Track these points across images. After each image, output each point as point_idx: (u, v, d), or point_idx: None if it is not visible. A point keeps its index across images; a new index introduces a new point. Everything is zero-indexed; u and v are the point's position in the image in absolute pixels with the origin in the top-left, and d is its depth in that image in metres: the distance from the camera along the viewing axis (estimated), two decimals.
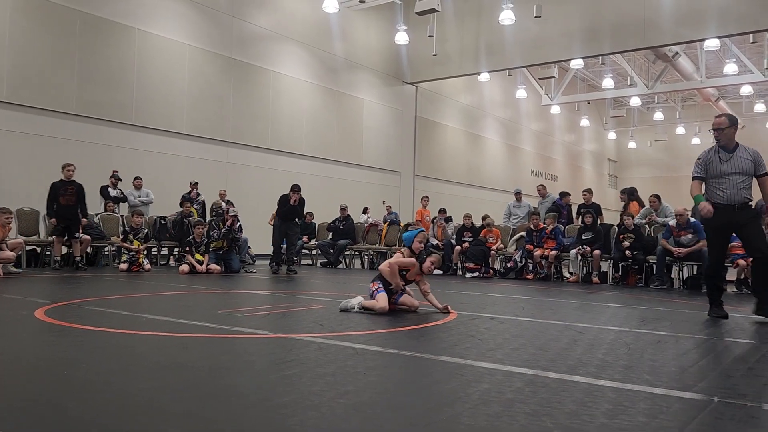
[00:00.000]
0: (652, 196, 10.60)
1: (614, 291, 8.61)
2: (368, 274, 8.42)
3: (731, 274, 8.88)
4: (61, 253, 9.81)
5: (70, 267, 9.70)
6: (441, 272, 11.13)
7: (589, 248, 10.06)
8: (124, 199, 11.88)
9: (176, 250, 11.83)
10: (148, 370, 2.88)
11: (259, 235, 12.47)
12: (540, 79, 24.09)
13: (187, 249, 10.10)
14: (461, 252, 11.42)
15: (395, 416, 2.22)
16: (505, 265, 11.26)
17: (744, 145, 5.40)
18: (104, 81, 12.43)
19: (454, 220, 12.94)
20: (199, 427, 2.05)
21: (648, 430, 2.10)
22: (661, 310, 6.05)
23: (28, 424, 2.04)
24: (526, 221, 11.84)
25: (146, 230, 10.53)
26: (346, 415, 2.20)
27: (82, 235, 10.03)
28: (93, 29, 12.26)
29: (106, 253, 11.34)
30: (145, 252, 10.23)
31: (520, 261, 10.77)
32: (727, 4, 14.16)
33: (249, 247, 12.13)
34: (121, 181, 11.85)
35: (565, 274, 10.85)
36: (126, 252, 9.93)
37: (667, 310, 6.14)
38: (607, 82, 24.09)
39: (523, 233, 11.15)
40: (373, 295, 5.31)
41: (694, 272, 9.54)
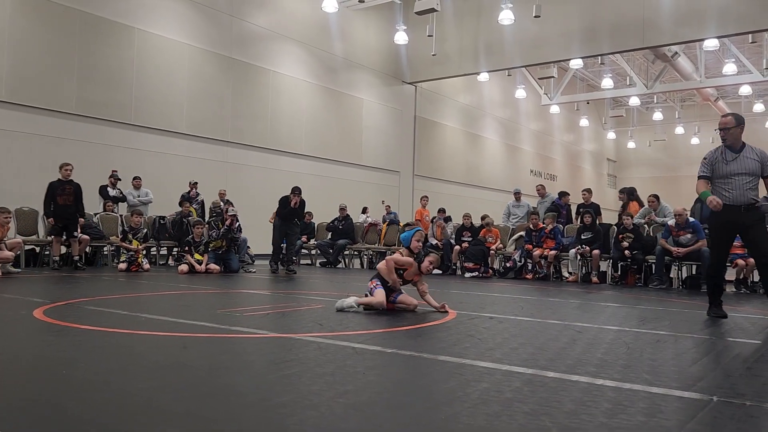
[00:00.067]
0: (650, 196, 10.62)
1: (613, 291, 8.61)
2: (367, 274, 8.42)
3: (730, 274, 8.88)
4: (60, 252, 9.81)
5: (68, 267, 9.69)
6: (440, 272, 11.13)
7: (588, 248, 10.06)
8: (123, 199, 11.88)
9: (175, 249, 11.82)
10: (147, 370, 2.88)
11: (258, 235, 12.47)
12: (539, 79, 24.10)
13: (186, 249, 10.09)
14: (460, 252, 11.42)
15: (394, 416, 2.22)
16: (505, 264, 11.27)
17: (751, 146, 5.27)
18: (104, 80, 12.43)
19: (454, 219, 12.94)
20: (198, 427, 2.05)
21: (647, 430, 2.10)
22: (660, 310, 6.05)
23: (28, 424, 2.04)
24: (526, 221, 11.85)
25: (145, 230, 10.53)
26: (345, 415, 2.20)
27: (81, 234, 10.03)
28: (92, 29, 12.25)
29: (105, 253, 11.33)
30: (144, 252, 10.23)
31: (520, 261, 10.78)
32: (727, 4, 14.17)
33: (248, 247, 12.13)
34: (120, 181, 11.85)
35: (564, 274, 10.86)
36: (125, 252, 9.93)
37: (666, 309, 6.14)
38: (607, 82, 24.10)
39: (523, 233, 11.16)
40: (372, 292, 5.31)
41: (693, 272, 9.55)
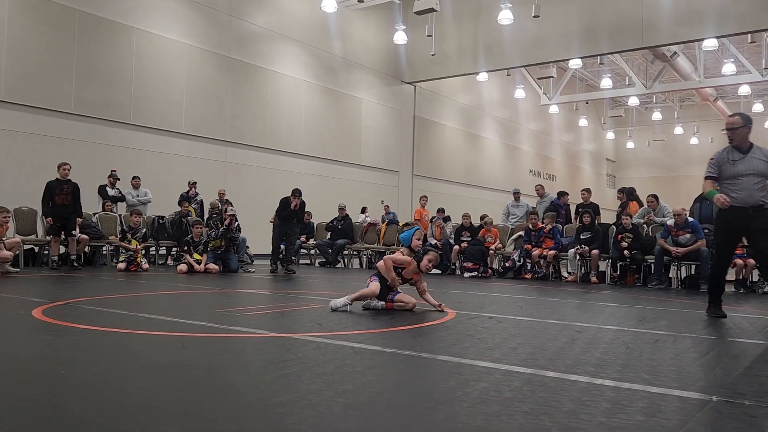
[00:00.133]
0: (649, 195, 10.62)
1: (612, 290, 8.62)
2: (366, 274, 8.41)
3: (729, 274, 8.87)
4: (59, 252, 9.80)
5: (67, 266, 9.69)
6: (439, 272, 11.13)
7: (588, 248, 10.07)
8: (122, 199, 11.87)
9: (174, 249, 11.82)
10: (146, 369, 2.88)
11: (257, 235, 12.46)
12: (538, 79, 24.10)
13: (186, 248, 10.09)
14: (460, 251, 11.42)
15: (393, 415, 2.22)
16: (504, 264, 11.27)
17: (759, 146, 5.16)
18: (102, 80, 12.41)
19: (453, 219, 12.94)
20: (197, 426, 2.05)
21: (646, 429, 2.10)
22: (659, 310, 6.06)
23: (28, 424, 2.03)
24: (525, 221, 11.85)
25: (144, 230, 10.52)
26: (344, 414, 2.19)
27: (80, 234, 10.02)
28: (91, 28, 12.24)
29: (104, 253, 11.33)
30: (143, 251, 10.22)
31: (519, 260, 10.78)
32: (726, 4, 14.18)
33: (247, 247, 12.13)
34: (119, 181, 11.84)
35: (563, 274, 10.86)
36: (124, 251, 9.93)
37: (665, 309, 6.14)
38: (606, 82, 24.12)
39: (522, 233, 11.16)
40: (368, 286, 5.32)
41: (692, 272, 9.56)
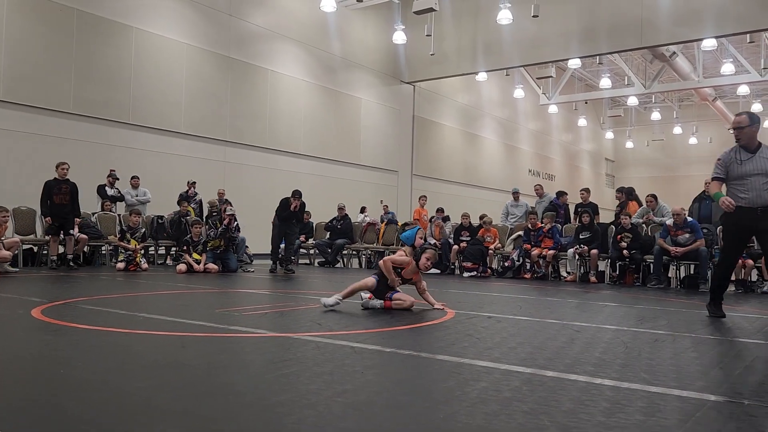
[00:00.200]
0: (648, 195, 10.63)
1: (611, 290, 8.62)
2: (365, 274, 8.40)
3: None
4: (58, 252, 9.79)
5: (67, 266, 9.68)
6: (438, 271, 11.14)
7: (587, 247, 10.08)
8: (121, 198, 11.86)
9: (174, 249, 11.81)
10: (146, 369, 2.87)
11: (257, 235, 12.46)
12: (537, 79, 24.10)
13: (185, 248, 10.09)
14: (459, 251, 11.43)
15: (393, 415, 2.22)
16: (503, 264, 11.27)
17: (767, 145, 5.10)
18: (101, 80, 12.40)
19: (452, 219, 12.95)
20: (196, 426, 2.05)
21: (645, 429, 2.10)
22: (659, 309, 6.06)
23: (27, 424, 2.03)
24: (524, 220, 11.86)
25: (144, 229, 10.52)
26: (344, 414, 2.19)
27: (79, 234, 10.01)
28: (90, 28, 12.23)
29: (103, 253, 11.32)
30: (143, 251, 10.22)
31: (518, 260, 10.78)
32: (725, 4, 14.18)
33: (246, 247, 12.13)
34: (118, 180, 11.83)
35: (562, 274, 10.87)
36: (123, 251, 9.92)
37: (665, 309, 6.15)
38: (605, 82, 24.13)
39: (521, 232, 11.16)
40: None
41: (691, 271, 9.57)
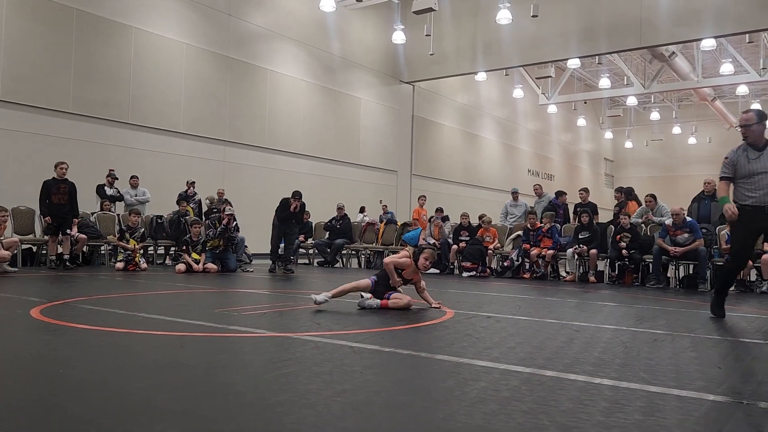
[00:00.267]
0: (648, 195, 10.64)
1: (611, 290, 8.62)
2: (365, 273, 8.41)
3: None
4: (57, 252, 9.78)
5: (63, 266, 9.66)
6: (438, 271, 11.14)
7: (586, 247, 10.08)
8: (120, 198, 11.86)
9: (173, 249, 11.80)
10: (145, 369, 2.87)
11: (256, 235, 12.46)
12: (537, 79, 24.11)
13: (184, 248, 10.09)
14: (458, 251, 11.43)
15: (392, 415, 2.22)
16: (502, 264, 11.27)
17: None
18: (101, 79, 12.40)
19: (451, 219, 12.95)
20: (196, 426, 2.05)
21: (644, 428, 2.10)
22: (658, 309, 6.06)
23: (27, 424, 2.03)
24: (523, 220, 11.86)
25: (143, 229, 10.52)
26: (343, 414, 2.19)
27: (78, 234, 10.00)
28: (89, 27, 12.22)
29: (102, 252, 11.32)
30: (142, 251, 10.22)
31: (517, 260, 10.79)
32: (724, 4, 14.19)
33: (246, 246, 12.12)
34: (117, 180, 11.83)
35: (561, 273, 10.88)
36: (122, 251, 9.92)
37: (664, 308, 6.15)
38: (604, 82, 24.14)
39: (520, 232, 11.17)
40: None
41: (690, 271, 9.57)
